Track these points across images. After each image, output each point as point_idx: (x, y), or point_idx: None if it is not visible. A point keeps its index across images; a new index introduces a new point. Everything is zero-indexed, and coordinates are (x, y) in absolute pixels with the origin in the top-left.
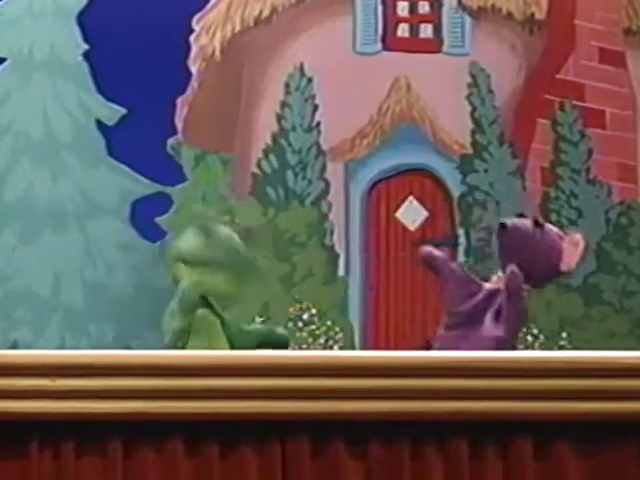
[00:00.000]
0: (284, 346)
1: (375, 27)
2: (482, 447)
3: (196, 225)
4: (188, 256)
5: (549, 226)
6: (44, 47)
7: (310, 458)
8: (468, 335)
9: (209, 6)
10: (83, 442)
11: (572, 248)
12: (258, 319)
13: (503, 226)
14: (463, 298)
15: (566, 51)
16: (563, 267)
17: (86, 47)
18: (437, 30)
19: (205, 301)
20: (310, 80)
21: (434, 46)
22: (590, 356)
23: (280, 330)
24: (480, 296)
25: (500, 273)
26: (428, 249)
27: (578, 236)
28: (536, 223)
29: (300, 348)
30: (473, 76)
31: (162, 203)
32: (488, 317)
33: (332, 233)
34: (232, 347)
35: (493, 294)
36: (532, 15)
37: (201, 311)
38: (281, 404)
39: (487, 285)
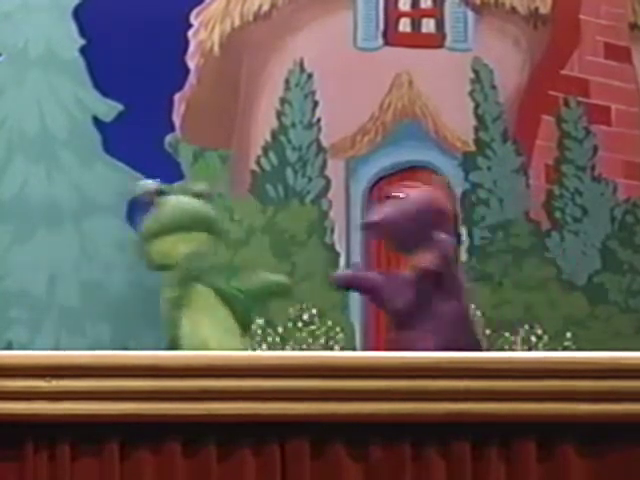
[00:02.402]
0: (286, 293)
1: (376, 22)
2: (485, 448)
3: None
4: (153, 230)
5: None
6: (39, 42)
7: (310, 460)
8: (421, 326)
9: (208, 1)
10: (79, 444)
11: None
12: (257, 319)
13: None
14: (396, 295)
15: (571, 46)
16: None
17: (82, 42)
18: (439, 25)
19: (195, 273)
20: (310, 76)
21: (436, 41)
22: (595, 356)
23: (278, 278)
24: (409, 286)
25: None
26: (338, 275)
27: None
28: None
29: (300, 348)
30: (476, 72)
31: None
32: (433, 297)
33: (332, 231)
34: (235, 312)
35: (421, 278)
36: (536, 10)
37: (193, 285)
38: (280, 405)
39: (407, 274)
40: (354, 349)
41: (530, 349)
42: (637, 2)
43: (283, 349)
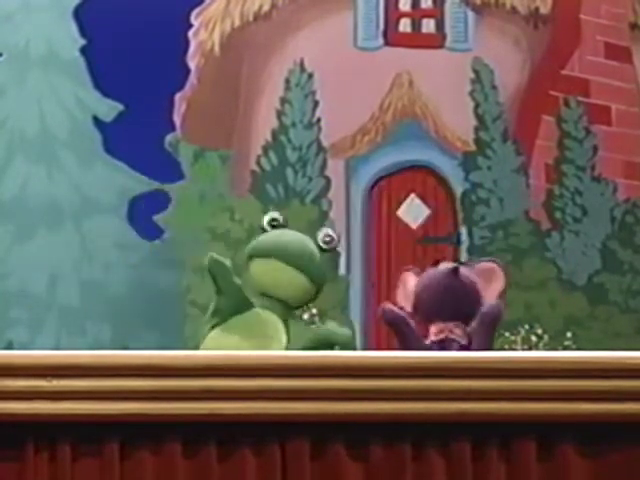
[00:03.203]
0: (348, 347)
1: (376, 22)
2: (485, 448)
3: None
4: (254, 250)
5: (463, 269)
6: (40, 42)
7: (310, 460)
8: None
9: (208, 1)
10: (80, 443)
11: (487, 284)
12: None
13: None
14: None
15: (571, 46)
16: (484, 309)
17: (83, 42)
18: (439, 25)
19: (268, 300)
20: (310, 76)
21: (436, 41)
22: (595, 356)
23: (342, 330)
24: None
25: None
26: (390, 308)
27: (492, 266)
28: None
29: None
30: (476, 72)
31: (160, 201)
32: None
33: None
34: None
35: (442, 345)
36: (537, 10)
37: (257, 310)
38: (281, 405)
39: (432, 338)
40: (354, 349)
41: (530, 349)
42: (637, 2)
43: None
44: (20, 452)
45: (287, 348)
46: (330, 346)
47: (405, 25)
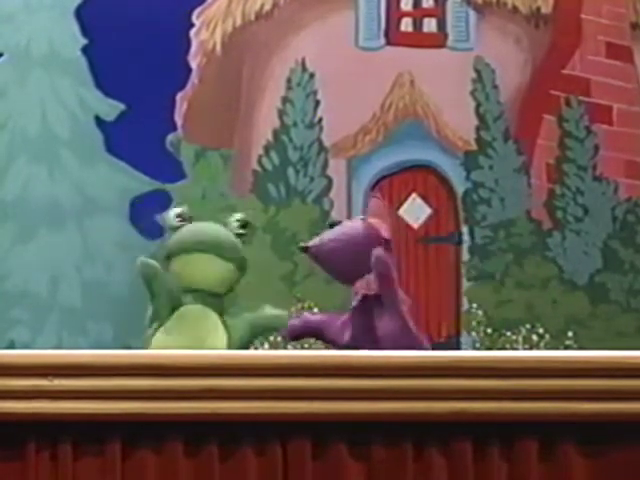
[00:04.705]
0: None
1: (378, 21)
2: (487, 448)
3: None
4: (174, 248)
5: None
6: (42, 42)
7: (312, 459)
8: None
9: (209, 0)
10: (81, 443)
11: (375, 214)
12: None
13: (304, 249)
14: (341, 331)
15: (572, 46)
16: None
17: (84, 42)
18: (441, 24)
19: (197, 295)
20: (312, 75)
21: (438, 41)
22: (596, 356)
23: (278, 312)
24: (352, 319)
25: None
26: (290, 327)
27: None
28: (330, 225)
29: (302, 348)
30: (478, 71)
31: (161, 200)
32: (376, 321)
33: None
34: (231, 340)
35: (364, 305)
36: (538, 9)
37: (188, 306)
38: (282, 404)
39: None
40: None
41: (532, 348)
42: (639, 2)
43: (285, 348)
44: (21, 452)
45: (228, 341)
46: (269, 331)
47: (407, 24)
